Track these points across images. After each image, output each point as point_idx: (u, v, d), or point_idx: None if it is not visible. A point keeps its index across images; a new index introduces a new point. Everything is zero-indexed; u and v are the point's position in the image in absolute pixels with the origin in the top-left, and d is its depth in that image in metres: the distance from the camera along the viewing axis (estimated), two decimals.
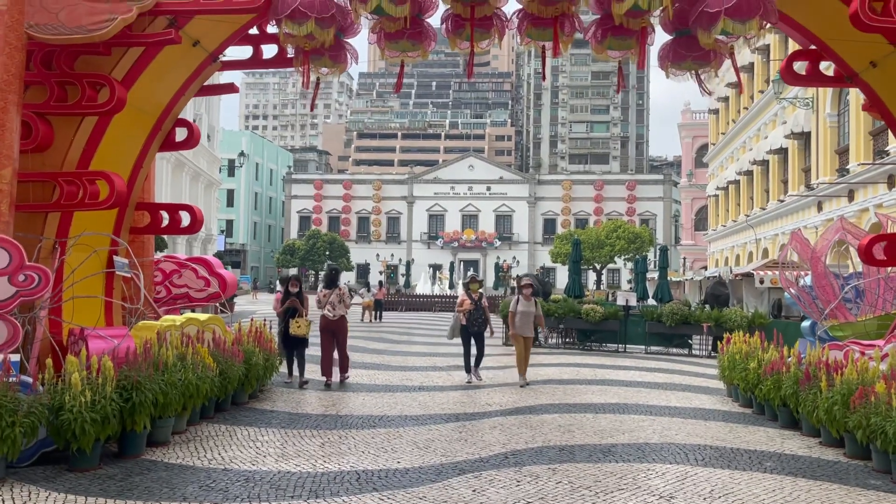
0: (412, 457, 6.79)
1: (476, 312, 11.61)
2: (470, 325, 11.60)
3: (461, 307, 11.69)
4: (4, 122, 6.88)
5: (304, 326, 10.74)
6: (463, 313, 11.63)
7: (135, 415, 6.44)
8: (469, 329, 11.62)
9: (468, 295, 11.81)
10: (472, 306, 11.60)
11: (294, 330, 10.66)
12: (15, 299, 6.30)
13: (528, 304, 11.76)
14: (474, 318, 11.59)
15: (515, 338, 11.72)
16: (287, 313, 10.95)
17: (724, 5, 7.26)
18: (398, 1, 7.64)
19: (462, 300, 11.85)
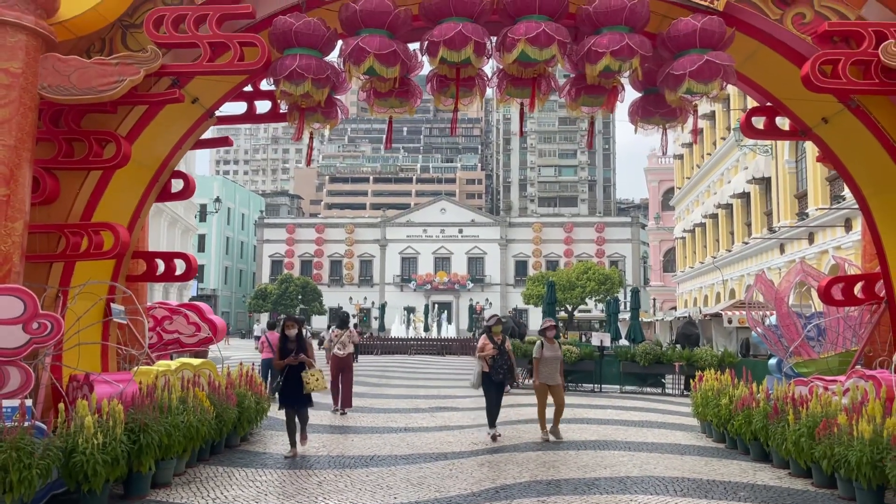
0: (408, 493, 7.13)
1: (500, 359, 10.37)
2: (494, 373, 10.34)
3: (482, 352, 10.51)
4: (17, 178, 7.23)
5: (321, 380, 9.06)
6: (485, 360, 10.41)
7: (142, 456, 6.71)
8: (493, 377, 10.36)
9: (490, 339, 10.55)
10: (496, 351, 10.38)
11: (312, 386, 8.98)
12: (28, 346, 6.58)
13: (554, 348, 10.68)
14: (499, 365, 10.34)
15: (540, 388, 10.53)
16: (290, 366, 9.07)
17: (688, 68, 7.94)
18: (389, 63, 8.20)
19: (483, 345, 10.62)
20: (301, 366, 9.06)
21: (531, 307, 60.42)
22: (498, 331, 10.74)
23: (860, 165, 8.99)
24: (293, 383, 8.99)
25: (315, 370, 9.09)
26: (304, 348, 9.16)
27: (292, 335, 9.22)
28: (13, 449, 5.77)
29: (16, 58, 7.26)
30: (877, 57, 7.53)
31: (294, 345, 9.14)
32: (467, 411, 13.77)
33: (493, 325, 10.83)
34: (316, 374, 9.04)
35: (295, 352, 9.12)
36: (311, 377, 9.00)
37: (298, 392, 8.98)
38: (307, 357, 9.11)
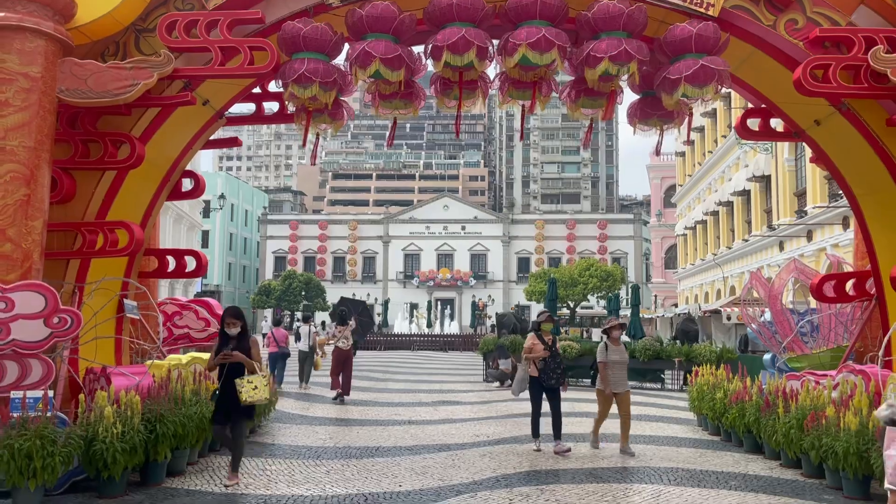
0: (412, 481, 7.42)
1: (552, 361, 9.18)
2: (544, 378, 9.14)
3: (530, 354, 9.29)
4: (37, 178, 7.53)
5: (261, 388, 7.13)
6: (533, 362, 9.25)
7: (158, 445, 7.01)
8: (542, 382, 9.18)
9: (539, 338, 9.31)
10: (547, 353, 9.19)
11: (249, 395, 7.02)
12: (49, 340, 6.88)
13: (620, 351, 9.42)
14: (550, 369, 9.14)
15: (603, 395, 9.35)
16: (227, 370, 7.18)
17: (683, 73, 8.21)
18: (394, 66, 8.47)
19: (531, 345, 9.34)
20: (240, 370, 7.20)
21: (533, 304, 60.63)
22: (548, 329, 9.53)
23: (851, 166, 9.25)
24: (229, 393, 7.10)
25: (257, 377, 7.15)
26: (247, 349, 7.28)
27: (234, 334, 7.31)
28: (37, 437, 6.08)
29: (35, 62, 7.54)
30: (866, 62, 7.78)
31: (234, 345, 7.26)
32: (470, 405, 14.07)
33: (544, 321, 9.57)
34: (255, 382, 7.09)
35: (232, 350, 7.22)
36: (247, 384, 7.03)
37: (234, 403, 7.06)
38: (245, 357, 7.20)
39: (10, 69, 7.44)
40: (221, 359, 7.17)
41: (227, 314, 7.42)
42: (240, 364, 7.20)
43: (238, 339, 7.32)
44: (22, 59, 7.48)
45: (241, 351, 7.23)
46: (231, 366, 7.19)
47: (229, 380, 7.13)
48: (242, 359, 7.20)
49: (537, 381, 9.25)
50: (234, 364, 7.18)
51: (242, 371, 7.20)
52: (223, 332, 7.38)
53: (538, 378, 9.21)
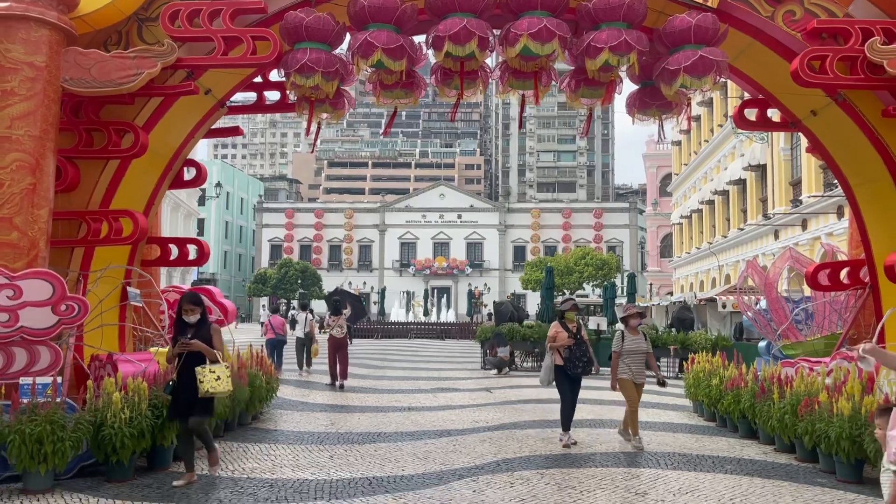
0: (415, 465, 7.56)
1: (578, 349, 8.88)
2: (570, 366, 8.85)
3: (554, 342, 9.01)
4: (43, 167, 7.59)
5: (224, 379, 6.60)
6: (558, 350, 8.97)
7: (164, 430, 7.11)
8: (569, 371, 8.87)
9: (563, 326, 9.05)
10: (572, 341, 8.91)
11: (211, 386, 6.51)
12: (57, 327, 6.97)
13: (637, 340, 9.06)
14: (576, 357, 8.85)
15: (625, 384, 8.93)
16: (185, 360, 6.65)
17: (682, 63, 8.29)
18: (396, 56, 8.54)
19: (555, 333, 9.07)
20: (199, 359, 6.64)
21: (529, 292, 60.89)
22: (572, 316, 9.21)
23: (847, 156, 9.36)
24: (187, 384, 6.59)
25: (220, 366, 6.62)
26: (207, 337, 6.73)
27: (192, 321, 6.77)
28: (48, 422, 6.20)
29: (40, 52, 7.59)
30: (863, 53, 7.87)
31: (193, 333, 6.72)
32: (468, 392, 14.23)
33: (567, 309, 9.24)
34: (218, 371, 6.56)
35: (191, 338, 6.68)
36: (208, 373, 6.53)
37: (192, 396, 6.56)
38: (204, 345, 6.64)
39: (16, 59, 7.49)
40: (180, 348, 6.61)
41: (185, 300, 6.84)
42: (200, 354, 6.64)
43: (197, 328, 6.75)
44: (27, 48, 7.53)
45: (201, 339, 6.67)
46: (190, 356, 6.64)
47: (188, 371, 6.57)
48: (202, 347, 6.62)
49: (563, 370, 8.92)
50: (193, 354, 6.64)
51: (202, 362, 6.64)
52: (180, 320, 6.82)
53: (564, 366, 8.90)
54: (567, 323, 9.11)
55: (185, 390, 6.63)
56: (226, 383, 6.63)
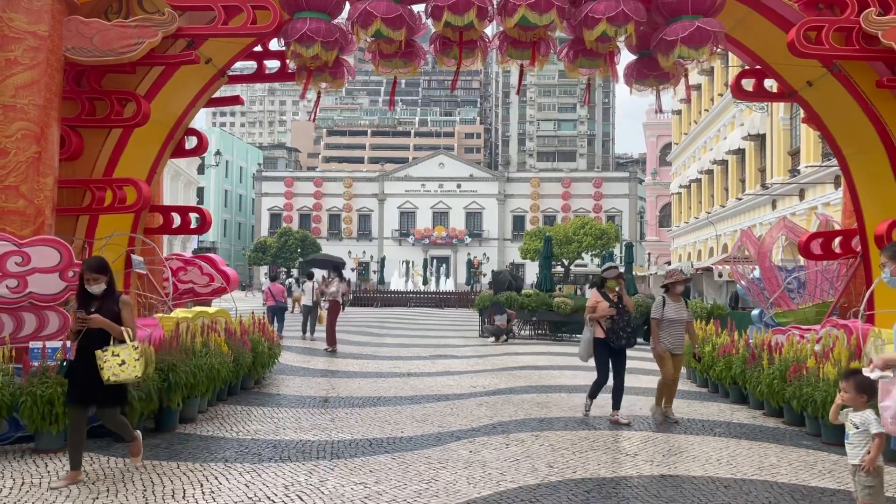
0: (413, 427, 7.80)
1: (621, 319, 8.28)
2: (613, 338, 8.26)
3: (594, 314, 8.39)
4: (48, 136, 7.71)
5: (131, 362, 5.52)
6: (598, 322, 8.36)
7: (171, 393, 7.33)
8: (611, 343, 8.29)
9: (604, 296, 8.42)
10: (614, 311, 8.28)
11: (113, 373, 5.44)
12: (65, 293, 7.14)
13: (679, 309, 8.53)
14: (619, 328, 8.26)
15: (663, 357, 8.49)
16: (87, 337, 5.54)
17: (679, 34, 8.36)
18: (395, 26, 8.60)
19: (594, 303, 8.44)
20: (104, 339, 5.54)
21: (528, 262, 61.14)
22: (613, 285, 8.46)
23: (841, 127, 9.47)
24: (87, 368, 5.50)
25: (125, 347, 5.53)
26: (115, 311, 5.62)
27: (97, 292, 5.62)
28: (58, 384, 6.38)
29: (42, 21, 7.65)
30: (858, 24, 7.95)
31: (98, 307, 5.59)
32: (466, 359, 14.49)
33: (610, 277, 8.54)
34: (123, 354, 5.49)
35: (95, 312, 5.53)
36: (110, 357, 5.46)
37: (96, 381, 5.48)
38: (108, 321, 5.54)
39: (18, 28, 7.56)
40: (78, 324, 5.54)
41: (87, 267, 5.66)
42: (104, 332, 5.54)
43: (103, 299, 5.64)
44: (29, 17, 7.60)
45: (106, 314, 5.55)
46: (91, 333, 5.53)
47: (89, 351, 5.50)
48: (105, 324, 5.51)
49: (604, 343, 8.35)
50: (95, 331, 5.52)
51: (107, 340, 5.54)
52: (83, 290, 5.66)
53: (605, 339, 8.32)
54: (608, 292, 8.46)
55: (84, 374, 5.51)
56: (133, 368, 5.51)
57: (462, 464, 6.35)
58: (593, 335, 8.42)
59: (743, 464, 6.56)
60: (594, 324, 8.40)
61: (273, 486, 5.61)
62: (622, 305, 8.36)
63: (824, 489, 5.82)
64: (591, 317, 8.43)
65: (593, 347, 8.45)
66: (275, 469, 6.08)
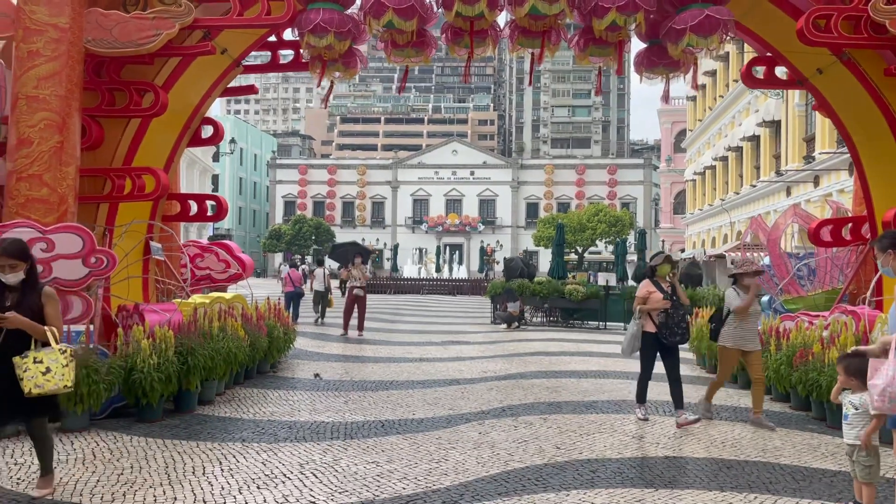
0: (424, 410, 8.00)
1: (675, 313, 7.59)
2: (665, 333, 7.60)
3: (646, 304, 7.68)
4: (69, 126, 7.92)
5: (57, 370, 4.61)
6: (649, 315, 7.67)
7: (190, 376, 7.58)
8: (664, 339, 7.63)
9: (655, 285, 7.71)
10: (668, 303, 7.58)
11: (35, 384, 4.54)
12: (88, 279, 7.38)
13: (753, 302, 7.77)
14: (673, 322, 7.59)
15: (728, 354, 7.81)
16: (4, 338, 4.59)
17: (689, 23, 8.41)
18: (407, 16, 8.70)
19: (646, 293, 7.72)
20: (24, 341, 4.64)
21: (542, 249, 61.18)
22: (666, 271, 7.77)
23: (851, 114, 9.50)
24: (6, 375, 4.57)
25: (50, 352, 4.60)
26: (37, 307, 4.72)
27: (13, 282, 4.68)
28: (83, 366, 6.63)
29: (63, 13, 7.83)
30: (866, 13, 7.95)
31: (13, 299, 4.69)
32: (478, 345, 14.68)
33: (659, 264, 7.81)
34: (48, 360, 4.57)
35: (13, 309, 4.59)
36: (32, 365, 4.55)
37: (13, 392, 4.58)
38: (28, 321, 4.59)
39: (40, 20, 7.75)
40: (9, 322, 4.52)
41: (1, 251, 4.64)
42: (23, 333, 4.61)
43: (22, 292, 4.72)
44: (50, 10, 7.78)
45: (26, 311, 4.63)
46: (8, 335, 4.59)
47: (6, 356, 4.54)
48: (25, 324, 4.58)
49: (653, 338, 7.66)
50: (12, 332, 4.59)
51: (27, 343, 4.63)
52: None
53: (656, 334, 7.63)
54: (659, 281, 7.74)
55: (3, 382, 4.57)
56: (61, 377, 4.59)
57: (471, 444, 6.54)
58: (641, 329, 7.71)
59: (747, 447, 6.70)
60: (644, 316, 7.70)
61: (289, 464, 5.82)
62: (676, 297, 7.69)
63: (825, 470, 5.95)
64: (641, 308, 7.69)
65: (641, 342, 7.76)
66: (290, 448, 6.30)
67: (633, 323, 7.90)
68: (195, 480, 5.35)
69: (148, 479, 5.36)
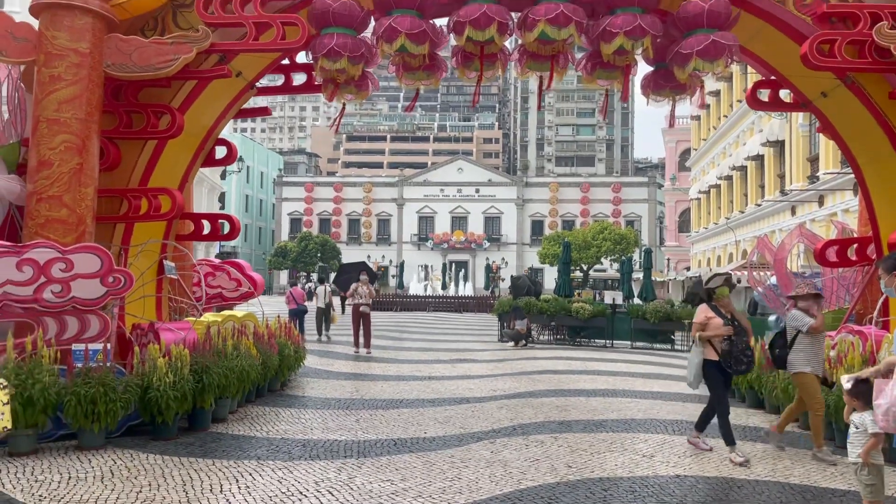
0: (435, 429, 8.08)
1: (739, 340, 7.05)
2: (731, 363, 7.03)
3: (706, 331, 7.14)
4: (89, 148, 8.09)
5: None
6: (712, 342, 7.12)
7: (204, 394, 7.67)
8: (730, 369, 7.08)
9: (714, 310, 7.19)
10: (731, 330, 7.04)
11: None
12: (105, 297, 7.51)
13: None
14: (738, 350, 7.03)
15: (808, 382, 7.20)
16: None
17: (695, 48, 8.57)
18: (419, 41, 8.89)
19: (705, 319, 7.16)
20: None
21: (547, 266, 61.22)
22: (725, 294, 7.24)
23: (855, 136, 9.62)
24: None
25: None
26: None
27: None
28: (100, 384, 6.75)
29: (84, 39, 8.04)
30: (871, 37, 8.10)
31: None
32: (486, 363, 14.74)
33: (719, 286, 7.24)
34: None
35: None
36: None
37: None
38: None
39: (62, 45, 7.95)
40: None
41: None
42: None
43: None
44: (72, 35, 7.98)
45: None
46: None
47: None
48: None
49: (717, 367, 7.08)
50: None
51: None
52: None
53: (721, 363, 7.06)
54: (718, 306, 7.22)
55: None
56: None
57: (484, 463, 6.61)
58: (703, 358, 7.17)
59: (757, 466, 6.76)
60: (705, 344, 7.16)
61: (304, 482, 5.91)
62: (738, 323, 7.15)
63: (834, 490, 6.01)
64: (701, 335, 7.16)
65: (705, 372, 7.18)
66: (305, 466, 6.39)
67: (693, 352, 7.34)
68: (213, 498, 5.44)
69: (167, 496, 5.45)
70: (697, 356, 7.22)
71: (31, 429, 6.57)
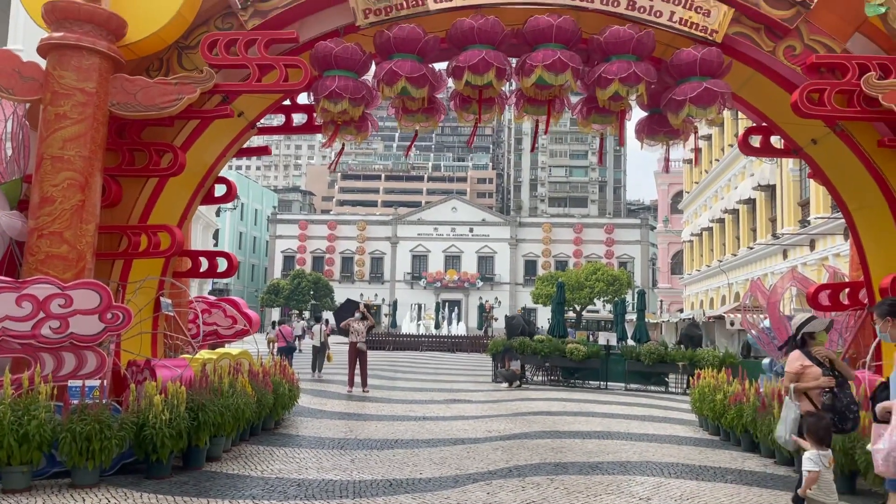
0: (431, 470, 8.04)
1: (843, 394, 6.06)
2: (836, 420, 5.95)
3: (806, 383, 6.15)
4: (91, 185, 8.18)
5: None
6: (809, 395, 6.16)
7: (200, 432, 7.64)
8: (840, 425, 6.01)
9: (810, 358, 6.21)
10: (832, 381, 6.06)
11: None
12: (103, 334, 7.52)
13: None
14: (843, 406, 6.02)
15: None
16: None
17: (688, 94, 8.79)
18: (419, 84, 9.08)
19: (801, 369, 6.20)
20: None
21: (540, 306, 61.23)
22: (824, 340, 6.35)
23: (845, 183, 9.82)
24: None
25: None
26: None
27: None
28: (96, 422, 6.72)
29: (91, 79, 8.19)
30: (859, 87, 8.34)
31: None
32: (480, 404, 14.68)
33: (817, 331, 6.42)
34: None
35: None
36: None
37: None
38: None
39: (68, 85, 8.09)
40: None
41: None
42: None
43: None
44: (78, 75, 8.13)
45: None
46: None
47: None
48: None
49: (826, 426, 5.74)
50: None
51: None
52: None
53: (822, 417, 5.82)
54: (815, 353, 6.24)
55: None
56: None
57: None
58: (799, 412, 6.05)
59: None
60: (800, 397, 6.19)
61: None
62: (838, 373, 6.14)
63: None
64: (799, 387, 6.16)
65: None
66: None
67: (787, 405, 6.22)
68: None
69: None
70: (793, 411, 6.07)
71: (26, 465, 6.53)
